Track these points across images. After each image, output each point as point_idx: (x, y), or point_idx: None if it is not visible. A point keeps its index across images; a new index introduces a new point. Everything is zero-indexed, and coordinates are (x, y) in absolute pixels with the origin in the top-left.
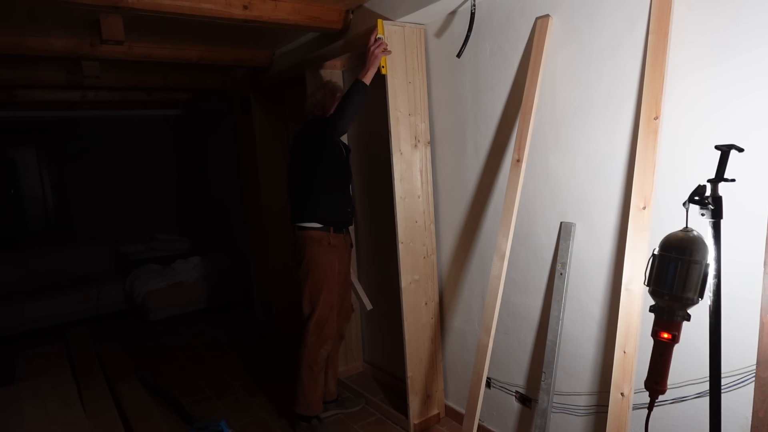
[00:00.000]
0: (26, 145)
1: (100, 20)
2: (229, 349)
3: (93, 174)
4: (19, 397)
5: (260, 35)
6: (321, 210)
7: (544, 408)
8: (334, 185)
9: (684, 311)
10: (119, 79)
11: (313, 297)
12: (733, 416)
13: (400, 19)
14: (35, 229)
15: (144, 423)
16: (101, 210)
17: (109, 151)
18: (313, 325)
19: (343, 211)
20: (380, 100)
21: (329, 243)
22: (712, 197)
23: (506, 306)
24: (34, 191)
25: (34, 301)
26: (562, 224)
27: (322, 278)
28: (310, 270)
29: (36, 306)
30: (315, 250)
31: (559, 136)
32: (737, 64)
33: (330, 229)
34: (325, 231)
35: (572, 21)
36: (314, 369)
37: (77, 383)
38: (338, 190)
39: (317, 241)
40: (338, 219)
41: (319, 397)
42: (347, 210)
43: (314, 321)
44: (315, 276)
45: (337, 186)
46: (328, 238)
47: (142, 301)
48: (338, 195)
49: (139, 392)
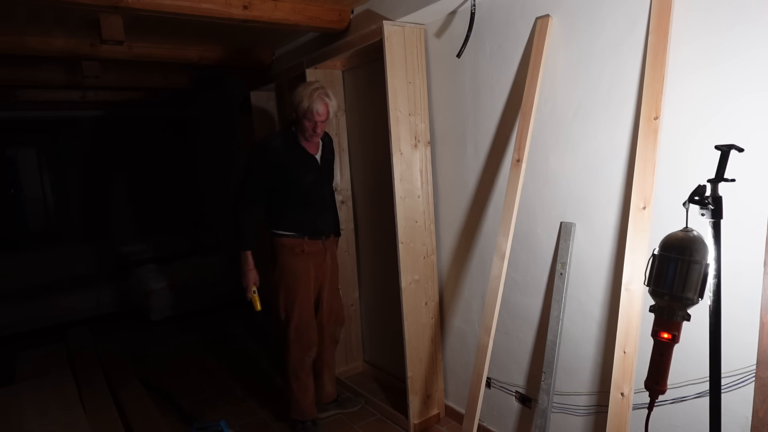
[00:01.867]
0: (26, 145)
1: (100, 20)
2: (229, 349)
3: (93, 174)
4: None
5: (260, 35)
6: (290, 220)
7: (544, 408)
8: (297, 198)
9: (684, 311)
10: (119, 79)
11: (288, 303)
12: (733, 416)
13: (400, 19)
14: (35, 229)
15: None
16: (101, 210)
17: (109, 151)
18: (292, 332)
19: (313, 220)
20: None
21: (303, 250)
22: (712, 197)
23: (506, 306)
24: (34, 191)
25: (34, 301)
26: (562, 224)
27: (295, 285)
28: (282, 276)
29: (36, 306)
30: (287, 257)
31: (559, 136)
32: (737, 65)
33: (304, 237)
34: (299, 238)
35: (572, 21)
36: (301, 376)
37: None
38: (304, 202)
39: (289, 248)
40: (311, 228)
41: (310, 403)
42: (321, 218)
43: (293, 328)
44: (287, 282)
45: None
46: (301, 245)
47: (142, 301)
48: (305, 206)
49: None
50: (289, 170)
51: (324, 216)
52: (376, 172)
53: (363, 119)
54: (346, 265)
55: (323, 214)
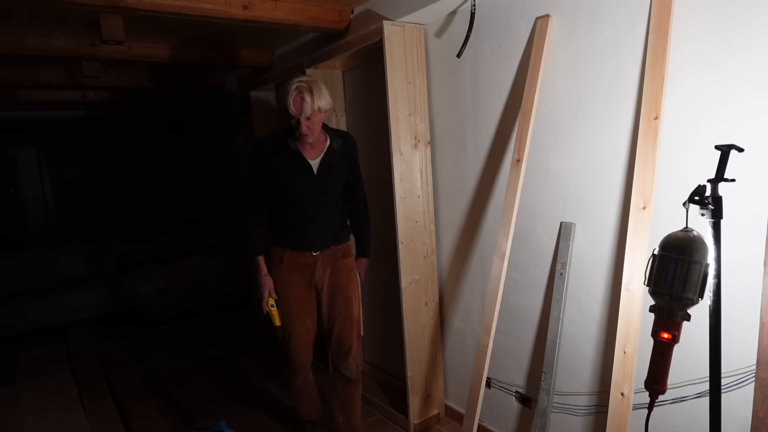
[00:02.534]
0: (26, 145)
1: (100, 20)
2: (229, 348)
3: (93, 174)
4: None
5: (260, 35)
6: (274, 226)
7: (544, 408)
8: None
9: (684, 311)
10: (119, 79)
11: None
12: (733, 416)
13: (400, 19)
14: (35, 229)
15: (144, 423)
16: (101, 210)
17: (108, 151)
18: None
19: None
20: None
21: (282, 261)
22: (712, 197)
23: (506, 306)
24: (34, 191)
25: (34, 301)
26: (562, 224)
27: (284, 298)
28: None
29: (36, 306)
30: (271, 268)
31: (559, 136)
32: (737, 65)
33: (286, 248)
34: (280, 248)
35: (572, 21)
36: (292, 390)
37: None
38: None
39: (271, 258)
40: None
41: (306, 409)
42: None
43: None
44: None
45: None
46: (281, 256)
47: (142, 301)
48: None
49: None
50: (275, 172)
51: (320, 227)
52: (376, 172)
53: (363, 119)
54: None
55: (319, 225)
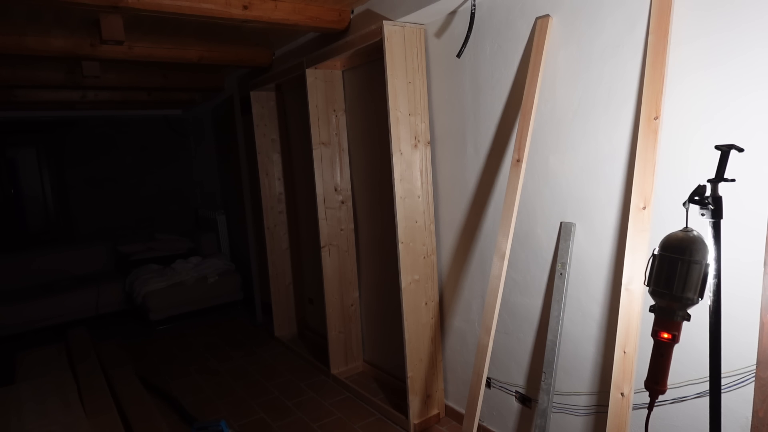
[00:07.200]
0: (26, 145)
1: (100, 20)
2: (229, 349)
3: (93, 174)
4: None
5: (260, 35)
6: None
7: (544, 408)
8: None
9: (684, 311)
10: (119, 79)
11: None
12: (733, 416)
13: (400, 19)
14: (35, 229)
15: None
16: (101, 210)
17: (108, 151)
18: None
19: None
20: (380, 100)
21: None
22: (712, 197)
23: (506, 306)
24: (34, 191)
25: (34, 301)
26: (562, 224)
27: None
28: None
29: (36, 306)
30: None
31: (559, 136)
32: (737, 65)
33: None
34: None
35: (572, 21)
36: None
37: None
38: None
39: None
40: None
41: None
42: None
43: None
44: None
45: None
46: None
47: (142, 301)
48: None
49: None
50: None
51: None
52: (376, 172)
53: (363, 119)
54: (347, 264)
55: None
